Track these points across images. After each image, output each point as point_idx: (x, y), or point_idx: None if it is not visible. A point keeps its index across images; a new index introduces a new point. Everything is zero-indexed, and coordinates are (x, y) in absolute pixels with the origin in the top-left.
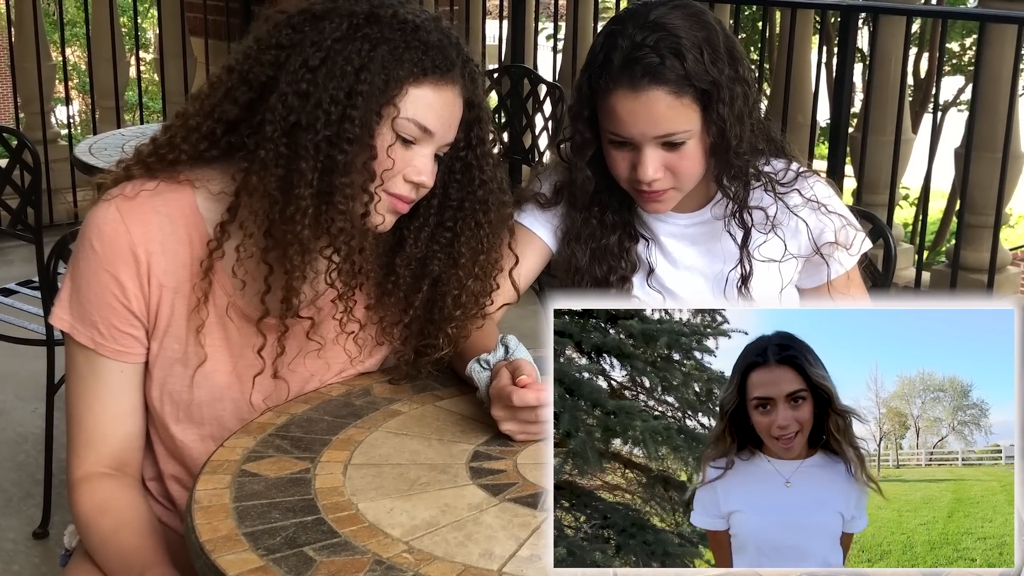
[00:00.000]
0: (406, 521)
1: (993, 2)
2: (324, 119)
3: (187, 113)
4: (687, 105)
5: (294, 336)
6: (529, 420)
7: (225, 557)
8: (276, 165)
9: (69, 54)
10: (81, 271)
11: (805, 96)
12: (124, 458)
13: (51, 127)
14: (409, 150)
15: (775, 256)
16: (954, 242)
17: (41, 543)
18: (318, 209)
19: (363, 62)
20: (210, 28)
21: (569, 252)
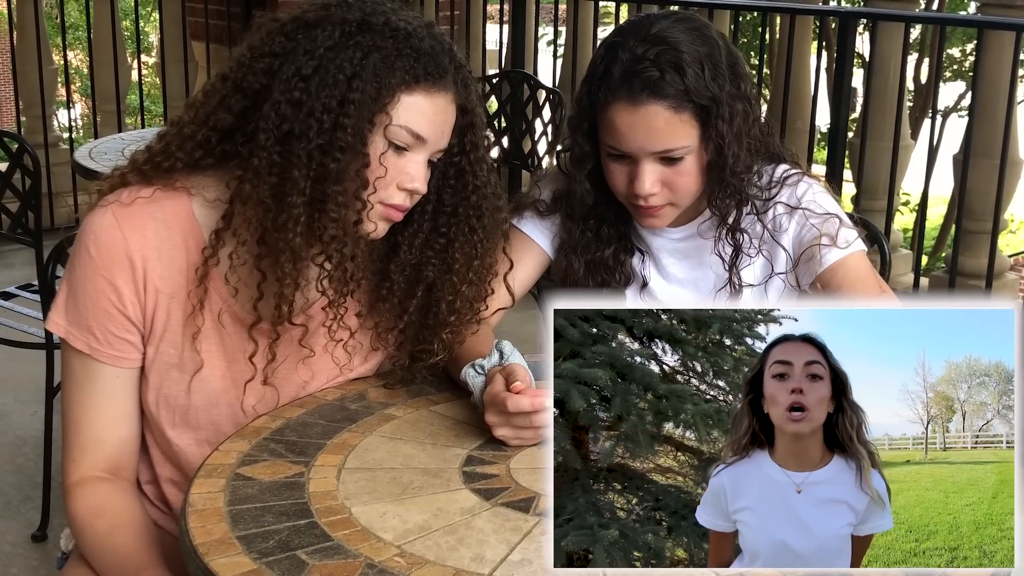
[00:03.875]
0: (399, 525)
1: (992, 9)
2: (317, 127)
3: (182, 121)
4: (686, 121)
5: (286, 343)
6: (523, 426)
7: (218, 560)
8: (269, 173)
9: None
10: (77, 277)
11: (804, 101)
12: (119, 462)
13: (52, 131)
14: (402, 157)
15: (760, 280)
16: (952, 248)
17: (39, 546)
18: (311, 217)
19: (355, 70)
20: (211, 32)
21: (565, 263)
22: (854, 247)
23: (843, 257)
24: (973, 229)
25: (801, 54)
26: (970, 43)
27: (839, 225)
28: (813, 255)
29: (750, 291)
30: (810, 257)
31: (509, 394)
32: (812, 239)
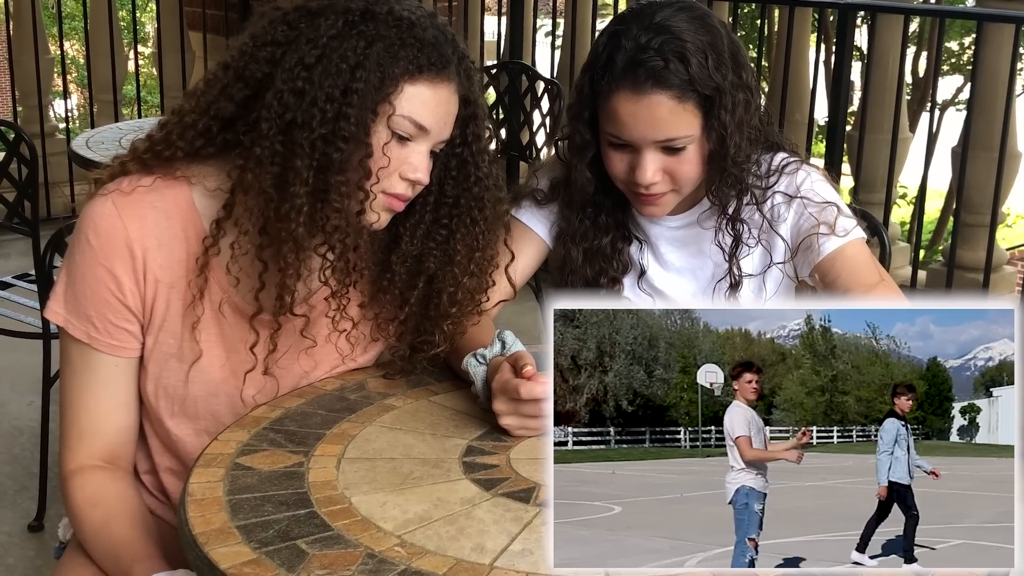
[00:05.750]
0: (399, 515)
1: (991, 1)
2: (320, 117)
3: (183, 110)
4: (689, 110)
5: (287, 333)
6: (531, 414)
7: (218, 550)
8: (272, 163)
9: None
10: (77, 265)
11: (803, 94)
12: (117, 451)
13: (49, 121)
14: (405, 147)
15: (759, 270)
16: (950, 241)
17: (36, 536)
18: (313, 207)
19: (359, 60)
20: (208, 23)
21: (563, 251)
22: (853, 235)
23: (841, 245)
24: (971, 222)
25: (800, 47)
26: (968, 36)
27: (837, 213)
28: (811, 244)
29: (748, 281)
30: (808, 246)
31: (522, 381)
32: (810, 228)
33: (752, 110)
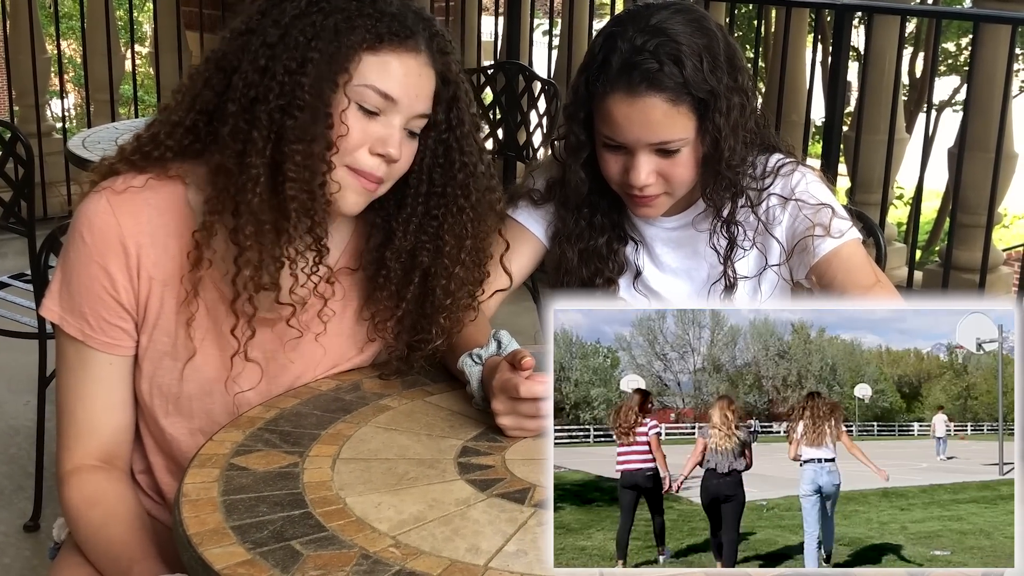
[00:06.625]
0: (393, 516)
1: (988, 2)
2: (278, 89)
3: (169, 108)
4: (683, 113)
5: (280, 332)
6: (529, 414)
7: (212, 550)
8: (234, 140)
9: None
10: (71, 263)
11: (800, 94)
12: (113, 451)
13: (46, 120)
14: (374, 121)
15: (754, 272)
16: (947, 242)
17: (32, 536)
18: (272, 179)
19: (316, 32)
20: (205, 22)
21: (559, 252)
22: (848, 236)
23: (837, 247)
24: (967, 223)
25: (796, 47)
26: (965, 37)
27: (832, 215)
28: (807, 246)
29: (744, 283)
30: (804, 248)
31: (522, 379)
32: (805, 230)
33: (747, 113)
